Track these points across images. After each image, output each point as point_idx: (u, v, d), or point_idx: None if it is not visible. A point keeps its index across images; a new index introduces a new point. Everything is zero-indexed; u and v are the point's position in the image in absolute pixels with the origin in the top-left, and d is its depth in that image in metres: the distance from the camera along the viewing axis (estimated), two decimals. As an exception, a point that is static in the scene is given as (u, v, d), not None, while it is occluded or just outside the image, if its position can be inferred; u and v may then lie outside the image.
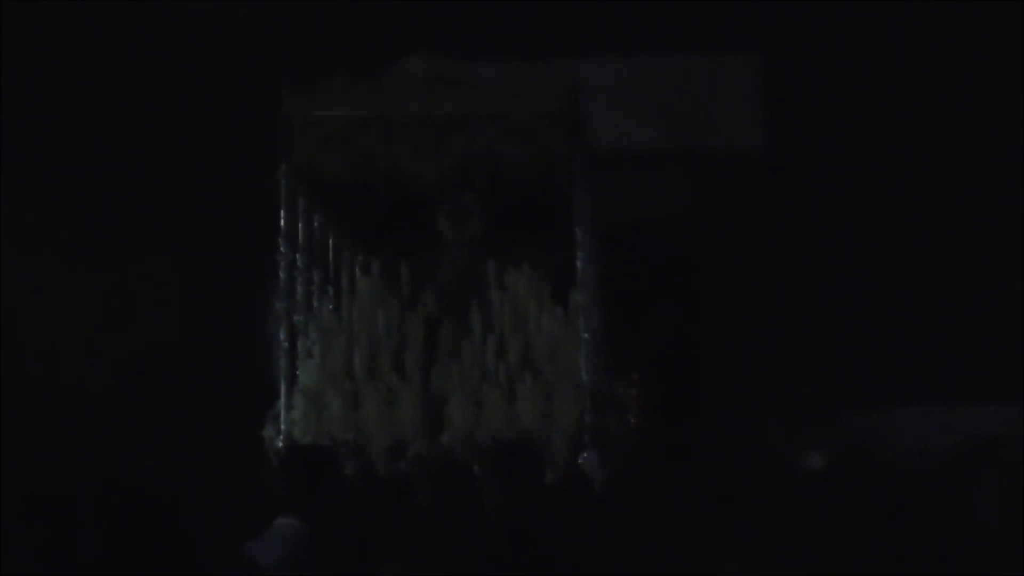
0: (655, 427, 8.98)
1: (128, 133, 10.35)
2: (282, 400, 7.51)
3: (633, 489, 8.03)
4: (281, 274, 7.69)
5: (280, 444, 7.38)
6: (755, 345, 10.92)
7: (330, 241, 8.52)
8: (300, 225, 7.85)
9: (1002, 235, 10.88)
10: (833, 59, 10.90)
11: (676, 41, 11.17)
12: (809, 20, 10.76)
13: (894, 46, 10.91)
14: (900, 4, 10.83)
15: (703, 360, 10.96)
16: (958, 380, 10.67)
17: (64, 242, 10.24)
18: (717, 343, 10.94)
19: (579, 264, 7.70)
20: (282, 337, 7.61)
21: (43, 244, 10.18)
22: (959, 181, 10.90)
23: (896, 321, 11.05)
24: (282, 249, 7.68)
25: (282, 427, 7.44)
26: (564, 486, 7.36)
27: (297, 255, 7.81)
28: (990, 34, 10.75)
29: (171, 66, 10.29)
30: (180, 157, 10.34)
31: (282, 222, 7.69)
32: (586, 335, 7.62)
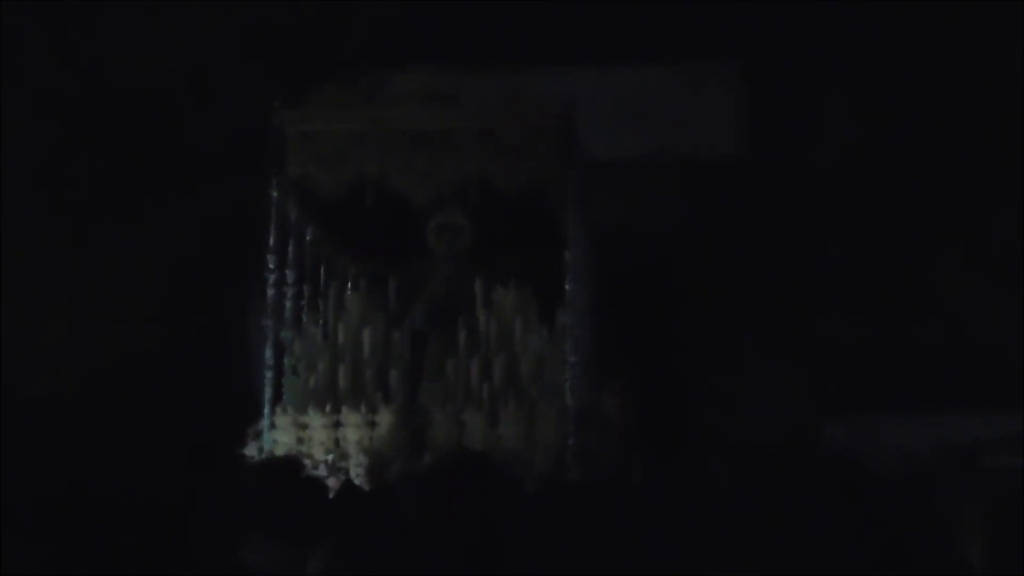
0: (640, 436, 8.95)
1: (118, 146, 10.28)
2: (265, 419, 7.50)
3: (618, 502, 8.04)
4: (269, 290, 7.63)
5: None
6: (741, 354, 10.91)
7: (320, 256, 8.47)
8: (290, 240, 7.80)
9: (986, 245, 10.86)
10: (818, 70, 10.83)
11: (662, 54, 11.08)
12: (794, 31, 10.69)
13: (878, 56, 10.85)
14: (884, 14, 10.74)
15: (689, 369, 10.94)
16: (940, 389, 10.67)
17: (50, 253, 10.17)
18: (703, 352, 10.92)
19: (567, 286, 7.67)
20: (268, 354, 7.56)
21: (28, 256, 10.10)
22: (943, 190, 10.86)
23: (880, 330, 11.04)
24: (270, 265, 7.62)
25: (264, 446, 7.44)
26: (547, 505, 7.38)
27: (286, 270, 7.75)
28: (974, 43, 10.68)
29: (163, 78, 10.21)
30: (171, 170, 10.28)
31: (271, 238, 7.63)
32: (572, 358, 7.60)
